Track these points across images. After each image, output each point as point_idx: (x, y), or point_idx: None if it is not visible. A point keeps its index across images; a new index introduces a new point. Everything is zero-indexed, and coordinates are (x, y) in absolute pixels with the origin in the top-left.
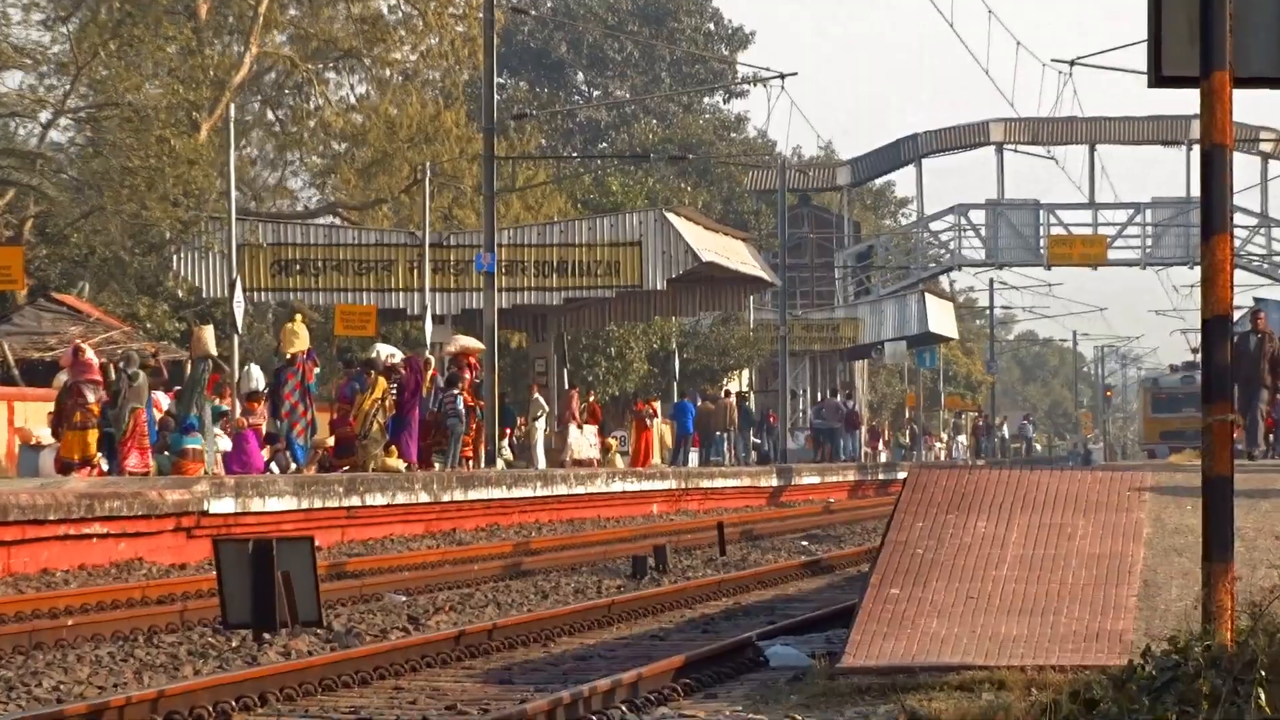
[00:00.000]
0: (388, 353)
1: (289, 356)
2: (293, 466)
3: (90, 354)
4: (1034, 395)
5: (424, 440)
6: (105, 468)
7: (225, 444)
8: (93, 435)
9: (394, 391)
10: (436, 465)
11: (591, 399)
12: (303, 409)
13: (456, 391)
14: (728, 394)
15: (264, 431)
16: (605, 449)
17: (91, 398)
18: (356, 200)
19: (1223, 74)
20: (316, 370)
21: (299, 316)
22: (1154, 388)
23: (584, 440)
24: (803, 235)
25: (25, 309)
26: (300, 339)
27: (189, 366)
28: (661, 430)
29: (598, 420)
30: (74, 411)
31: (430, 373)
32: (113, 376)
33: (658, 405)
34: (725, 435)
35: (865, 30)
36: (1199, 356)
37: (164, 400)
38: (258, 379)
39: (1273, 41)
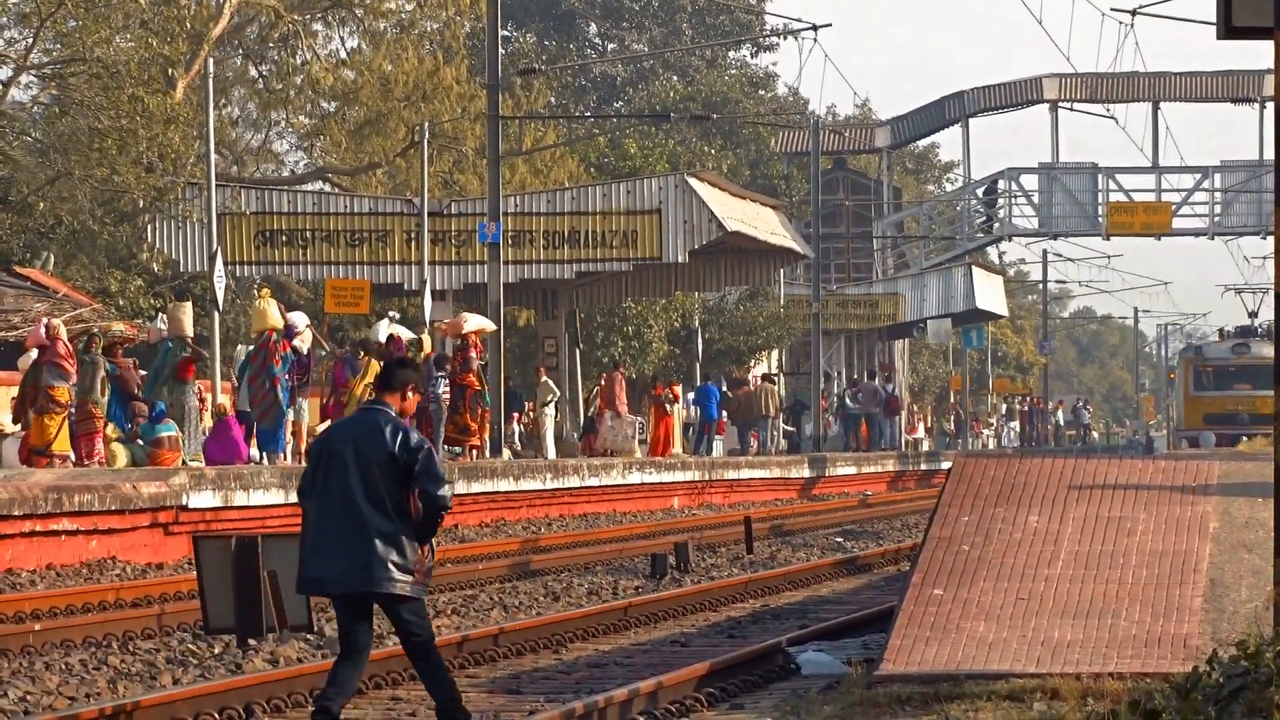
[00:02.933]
0: (390, 332)
1: (254, 336)
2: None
3: (63, 333)
4: (1091, 377)
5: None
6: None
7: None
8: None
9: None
10: (448, 459)
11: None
12: (263, 394)
13: (440, 374)
14: (765, 377)
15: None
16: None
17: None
18: (348, 165)
19: None
20: (285, 352)
21: (265, 291)
22: (1197, 358)
23: (621, 430)
24: (838, 202)
25: None
26: (265, 317)
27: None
28: (683, 416)
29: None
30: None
31: (425, 354)
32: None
33: (679, 389)
34: (765, 423)
35: None
36: (1257, 321)
37: None
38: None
39: None
